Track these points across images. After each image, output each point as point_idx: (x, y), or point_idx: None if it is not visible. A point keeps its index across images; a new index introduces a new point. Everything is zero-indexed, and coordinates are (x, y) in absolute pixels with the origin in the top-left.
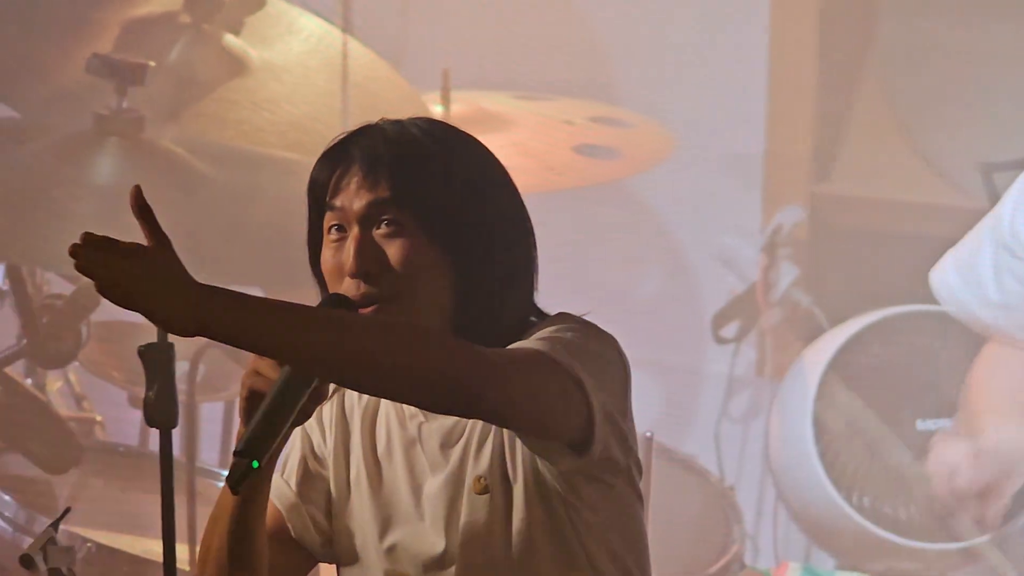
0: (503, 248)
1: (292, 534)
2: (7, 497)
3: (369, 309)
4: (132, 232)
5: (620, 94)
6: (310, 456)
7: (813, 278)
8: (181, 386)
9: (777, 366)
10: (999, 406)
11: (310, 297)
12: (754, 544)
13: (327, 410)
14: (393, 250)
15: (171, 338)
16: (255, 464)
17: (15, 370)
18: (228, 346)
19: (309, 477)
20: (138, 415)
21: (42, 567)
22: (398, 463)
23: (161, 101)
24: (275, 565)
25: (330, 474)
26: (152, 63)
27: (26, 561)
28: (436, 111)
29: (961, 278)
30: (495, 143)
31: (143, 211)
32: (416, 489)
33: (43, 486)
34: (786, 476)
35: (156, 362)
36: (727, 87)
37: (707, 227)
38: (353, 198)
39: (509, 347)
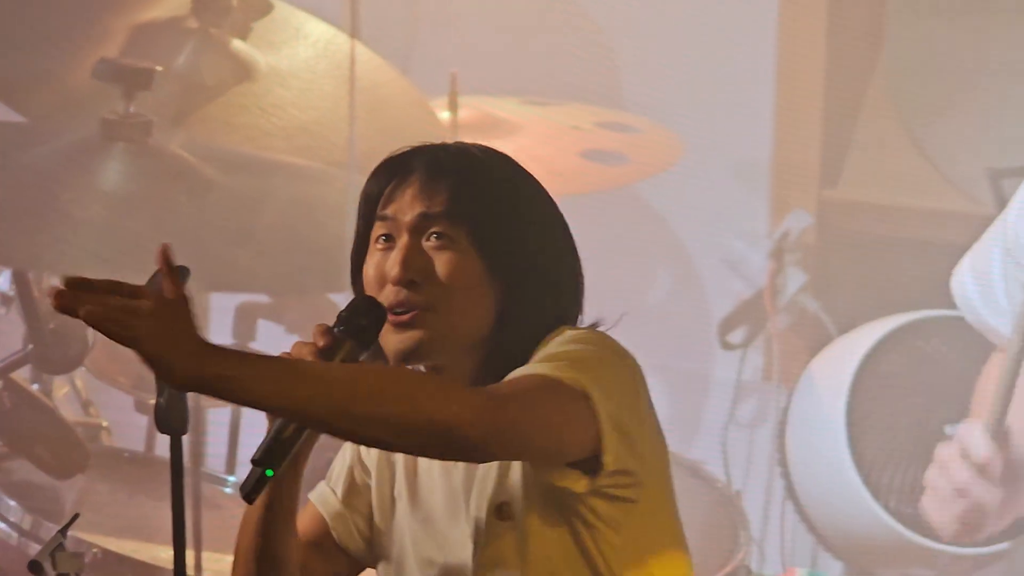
0: (547, 269)
1: (336, 541)
2: (12, 502)
3: (407, 316)
4: (139, 237)
5: (628, 99)
6: (357, 465)
7: (821, 284)
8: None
9: (785, 372)
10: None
11: (318, 302)
12: (760, 550)
13: None
14: (441, 261)
15: None
16: (269, 472)
17: (21, 375)
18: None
19: (355, 487)
20: (144, 420)
21: (51, 573)
22: (436, 480)
23: (168, 106)
24: (316, 571)
25: (373, 484)
26: (159, 68)
27: (35, 567)
28: (444, 116)
29: (977, 287)
30: (502, 148)
31: (170, 269)
32: (452, 509)
33: (49, 492)
34: (812, 484)
35: None
36: (735, 92)
37: (714, 232)
38: (406, 208)
39: (511, 376)
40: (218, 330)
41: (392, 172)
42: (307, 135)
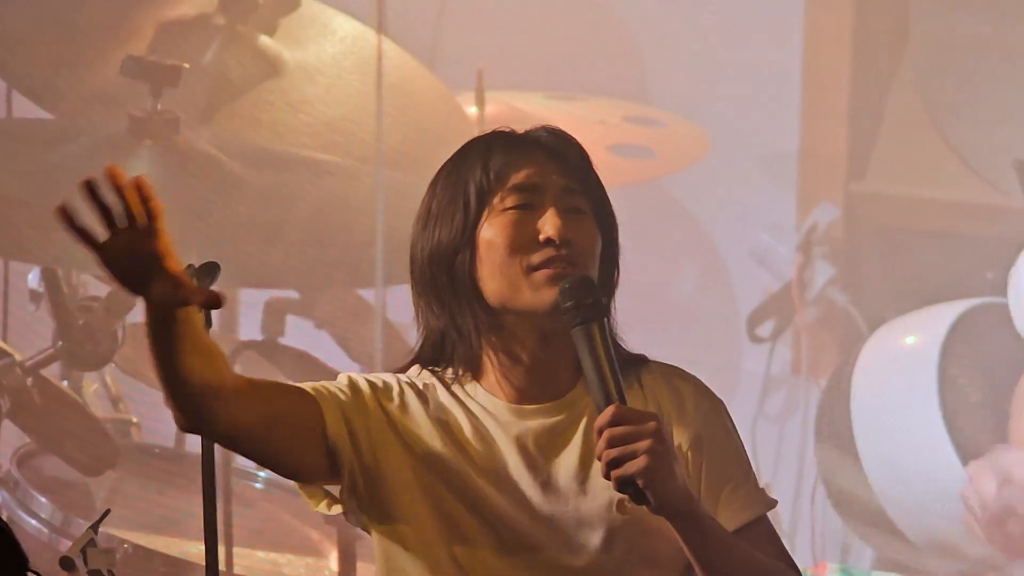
0: (615, 249)
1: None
2: (43, 499)
3: (567, 271)
4: (168, 234)
5: (654, 94)
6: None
7: (849, 276)
8: None
9: (813, 365)
10: None
11: (347, 297)
12: (790, 543)
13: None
14: (583, 229)
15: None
16: None
17: (51, 372)
18: (263, 347)
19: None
20: None
21: (82, 569)
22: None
23: (196, 102)
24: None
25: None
26: (187, 65)
27: (67, 563)
28: (470, 111)
29: None
30: None
31: None
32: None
33: (80, 488)
34: (894, 479)
35: None
36: (761, 86)
37: (742, 226)
38: (550, 179)
39: (747, 514)
40: (248, 325)
41: (519, 148)
42: (334, 131)
